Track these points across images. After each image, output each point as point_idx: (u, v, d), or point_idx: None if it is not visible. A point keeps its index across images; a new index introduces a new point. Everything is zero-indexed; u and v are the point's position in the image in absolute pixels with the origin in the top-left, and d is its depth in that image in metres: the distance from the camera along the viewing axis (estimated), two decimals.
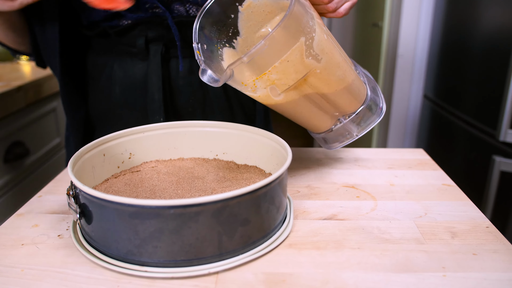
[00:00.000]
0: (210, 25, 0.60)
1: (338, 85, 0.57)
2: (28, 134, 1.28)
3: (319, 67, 0.53)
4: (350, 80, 0.58)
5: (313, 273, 0.45)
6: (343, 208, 0.59)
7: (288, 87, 0.54)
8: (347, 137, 0.64)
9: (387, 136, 1.81)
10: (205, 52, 0.59)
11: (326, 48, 0.53)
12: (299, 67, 0.52)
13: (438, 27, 1.55)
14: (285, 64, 0.51)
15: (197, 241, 0.44)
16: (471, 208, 0.59)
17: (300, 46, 0.50)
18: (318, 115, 0.61)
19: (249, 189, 0.44)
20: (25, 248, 0.50)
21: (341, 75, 0.57)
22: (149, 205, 0.41)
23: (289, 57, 0.50)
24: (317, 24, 0.53)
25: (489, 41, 1.19)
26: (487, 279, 0.44)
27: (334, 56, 0.55)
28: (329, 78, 0.55)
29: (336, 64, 0.56)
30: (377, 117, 0.63)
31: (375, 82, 0.67)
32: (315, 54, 0.52)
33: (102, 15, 0.66)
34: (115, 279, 0.44)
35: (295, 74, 0.52)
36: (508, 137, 1.09)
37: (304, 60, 0.51)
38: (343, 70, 0.57)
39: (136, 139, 0.64)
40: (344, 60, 0.58)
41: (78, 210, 0.48)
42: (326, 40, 0.54)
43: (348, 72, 0.58)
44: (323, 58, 0.53)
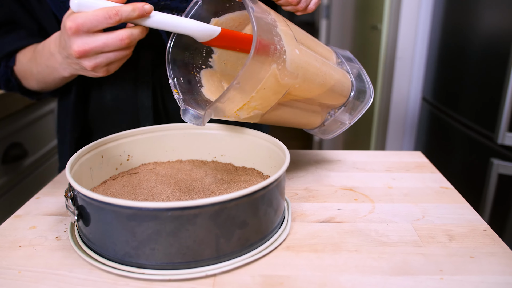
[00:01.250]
0: (182, 52, 0.60)
1: (320, 89, 0.57)
2: (26, 136, 1.28)
3: (297, 82, 0.53)
4: (332, 81, 0.58)
5: (310, 276, 0.45)
6: (341, 211, 0.59)
7: (270, 107, 0.54)
8: (341, 127, 0.65)
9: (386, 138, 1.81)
10: (182, 85, 0.59)
11: (300, 63, 0.52)
12: (276, 89, 0.51)
13: (436, 30, 1.56)
14: (262, 91, 0.50)
15: (195, 243, 0.44)
16: (468, 211, 0.59)
17: (273, 73, 0.49)
18: (306, 116, 0.62)
19: (247, 192, 0.44)
20: (22, 250, 0.50)
21: (321, 80, 0.56)
22: (147, 207, 0.41)
23: (264, 85, 0.49)
24: (285, 42, 0.50)
25: (488, 44, 1.19)
26: (484, 282, 0.44)
27: (311, 66, 0.54)
28: (309, 87, 0.55)
29: (315, 73, 0.55)
30: (366, 104, 0.64)
31: (359, 65, 0.67)
32: (291, 73, 0.51)
33: None
34: (113, 281, 0.44)
35: (274, 96, 0.52)
36: (506, 140, 1.09)
37: (281, 83, 0.51)
38: (323, 74, 0.56)
39: (134, 141, 0.64)
40: (322, 63, 0.57)
41: (76, 212, 0.48)
42: (299, 55, 0.52)
43: (329, 74, 0.58)
44: (299, 73, 0.52)
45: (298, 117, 0.61)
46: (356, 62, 0.67)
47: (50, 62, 0.61)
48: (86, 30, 0.48)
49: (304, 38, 0.57)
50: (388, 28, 1.75)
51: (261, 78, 0.49)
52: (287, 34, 0.51)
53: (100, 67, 0.51)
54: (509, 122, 1.08)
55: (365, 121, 2.05)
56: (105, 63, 0.51)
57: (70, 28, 0.47)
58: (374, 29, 1.89)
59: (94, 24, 0.47)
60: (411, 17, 1.63)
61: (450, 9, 1.45)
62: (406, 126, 1.78)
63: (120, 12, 0.47)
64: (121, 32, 0.49)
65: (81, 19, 0.47)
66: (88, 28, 0.48)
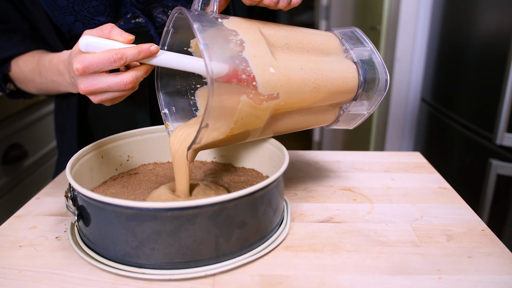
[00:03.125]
0: (173, 78, 0.59)
1: (314, 96, 0.52)
2: (26, 136, 1.28)
3: (281, 100, 0.48)
4: (328, 83, 0.52)
5: (309, 276, 0.45)
6: (340, 211, 0.59)
7: (260, 127, 0.50)
8: (359, 119, 0.60)
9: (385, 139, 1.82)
10: (176, 114, 0.59)
11: (278, 81, 0.47)
12: (258, 114, 0.48)
13: (435, 31, 1.56)
14: (241, 121, 0.47)
15: (194, 243, 0.44)
16: (467, 211, 0.59)
17: (246, 103, 0.46)
18: (313, 119, 0.57)
19: (246, 192, 0.44)
20: (23, 250, 0.50)
21: (312, 87, 0.51)
22: (147, 207, 0.42)
23: (239, 116, 0.46)
24: (254, 66, 0.46)
25: (486, 45, 1.19)
26: (482, 282, 0.44)
27: (296, 77, 0.49)
28: (299, 99, 0.50)
29: (301, 83, 0.50)
30: (381, 91, 0.57)
31: (371, 45, 0.59)
32: (268, 95, 0.47)
33: (82, 30, 0.66)
34: (113, 281, 0.44)
35: (259, 119, 0.48)
36: (505, 140, 1.09)
37: (259, 108, 0.47)
38: (313, 80, 0.51)
39: (134, 141, 0.64)
40: (313, 67, 0.51)
41: (76, 212, 0.48)
42: (275, 73, 0.47)
43: (323, 77, 0.52)
44: (280, 91, 0.48)
45: (303, 122, 0.56)
46: (367, 42, 0.59)
47: (58, 79, 0.63)
48: (92, 72, 0.49)
49: (291, 38, 0.52)
50: (387, 29, 1.75)
51: (233, 112, 0.46)
52: (257, 55, 0.47)
53: (106, 102, 0.53)
54: (507, 122, 1.08)
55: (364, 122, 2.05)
56: (110, 99, 0.52)
57: (77, 69, 0.49)
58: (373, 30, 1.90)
59: (100, 67, 0.48)
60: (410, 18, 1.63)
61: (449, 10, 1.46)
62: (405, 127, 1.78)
63: (125, 55, 0.48)
64: (125, 76, 0.49)
65: (88, 61, 0.48)
66: (94, 70, 0.49)
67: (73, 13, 0.64)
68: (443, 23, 1.50)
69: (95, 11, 0.64)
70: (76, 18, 0.64)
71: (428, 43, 1.64)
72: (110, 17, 0.65)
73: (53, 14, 0.65)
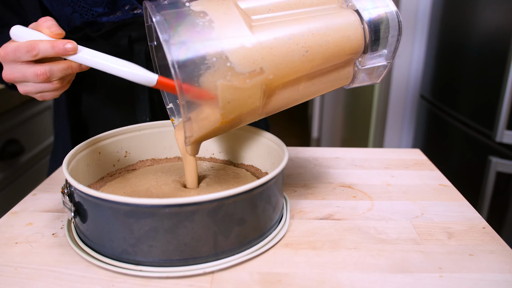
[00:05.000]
0: None
1: (310, 61, 0.46)
2: (23, 132, 1.27)
3: (268, 74, 0.45)
4: (323, 42, 0.46)
5: (309, 273, 0.45)
6: (340, 208, 0.58)
7: (258, 106, 0.47)
8: (381, 70, 0.52)
9: (384, 136, 1.81)
10: None
11: (257, 56, 0.44)
12: (246, 94, 0.45)
13: (435, 28, 1.56)
14: (229, 105, 0.45)
15: (193, 240, 0.43)
16: (467, 209, 0.59)
17: (225, 87, 0.43)
18: (324, 84, 0.50)
19: (245, 189, 0.44)
20: (19, 246, 0.49)
21: (304, 52, 0.45)
22: (145, 204, 0.41)
23: (224, 100, 0.44)
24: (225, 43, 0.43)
25: (486, 42, 1.19)
26: (483, 280, 0.44)
27: (276, 48, 0.45)
28: (291, 66, 0.46)
29: (287, 51, 0.45)
30: (395, 31, 0.49)
31: None
32: (250, 72, 0.44)
33: (80, 20, 0.66)
34: (110, 278, 0.44)
35: (250, 99, 0.45)
36: (505, 138, 1.09)
37: (245, 88, 0.44)
38: (302, 45, 0.45)
39: (132, 137, 0.63)
40: (298, 31, 0.46)
41: (73, 209, 0.47)
42: (250, 48, 0.43)
43: (313, 40, 0.46)
44: (263, 66, 0.44)
45: (312, 89, 0.50)
46: None
47: None
48: (11, 60, 0.49)
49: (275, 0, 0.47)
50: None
51: (214, 99, 0.44)
52: (229, 33, 0.44)
53: (32, 94, 0.52)
54: (507, 120, 1.08)
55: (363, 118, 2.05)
56: (34, 91, 0.52)
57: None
58: None
59: (17, 55, 0.48)
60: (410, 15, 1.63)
61: (448, 7, 1.45)
62: (404, 124, 1.78)
63: (38, 47, 0.48)
64: (38, 67, 0.49)
65: (9, 49, 0.49)
66: (12, 58, 0.49)
67: (70, 4, 0.64)
68: (442, 19, 1.50)
69: (92, 1, 0.64)
70: (74, 9, 0.64)
71: (428, 39, 1.63)
72: (107, 8, 0.65)
73: (51, 5, 0.64)
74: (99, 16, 0.65)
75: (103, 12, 0.65)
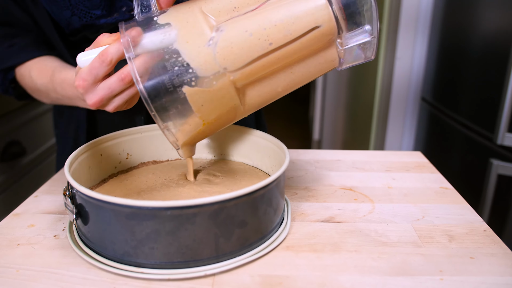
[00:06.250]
0: None
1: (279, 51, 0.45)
2: (24, 134, 1.27)
3: (235, 73, 0.45)
4: (286, 32, 0.45)
5: (310, 276, 0.45)
6: (341, 211, 0.58)
7: (237, 103, 0.47)
8: (369, 46, 0.48)
9: (385, 138, 1.81)
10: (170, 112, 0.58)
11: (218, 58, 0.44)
12: (219, 95, 0.46)
13: (436, 30, 1.56)
14: (204, 109, 0.46)
15: (194, 242, 0.43)
16: (468, 212, 0.59)
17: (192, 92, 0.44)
18: (307, 70, 0.49)
19: (247, 191, 0.44)
20: (20, 248, 0.50)
21: (268, 44, 0.45)
22: (146, 206, 0.41)
23: (197, 104, 0.45)
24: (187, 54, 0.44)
25: (487, 45, 1.19)
26: (484, 283, 0.44)
27: (237, 46, 0.44)
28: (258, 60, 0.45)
29: (250, 47, 0.44)
30: (366, 3, 0.47)
31: None
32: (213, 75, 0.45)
33: (79, 23, 0.66)
34: (111, 280, 0.44)
35: (225, 99, 0.46)
36: (506, 140, 1.09)
37: (214, 89, 0.45)
38: (265, 38, 0.44)
39: (134, 139, 0.64)
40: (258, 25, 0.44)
41: (75, 211, 0.48)
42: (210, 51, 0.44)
43: (275, 32, 0.45)
44: (227, 66, 0.44)
45: (297, 78, 0.49)
46: None
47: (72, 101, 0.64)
48: (91, 83, 0.48)
49: None
50: (388, 28, 1.75)
51: (185, 105, 0.45)
52: (190, 39, 0.45)
53: (121, 106, 0.52)
54: (508, 122, 1.08)
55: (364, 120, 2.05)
56: (123, 103, 0.51)
57: (79, 86, 0.49)
58: None
59: (94, 73, 0.48)
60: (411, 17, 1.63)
61: (450, 9, 1.45)
62: (405, 126, 1.78)
63: (109, 53, 0.47)
64: (118, 73, 0.48)
65: (83, 75, 0.48)
66: (92, 80, 0.48)
67: (69, 7, 0.64)
68: (444, 22, 1.50)
69: (90, 4, 0.64)
70: (73, 12, 0.64)
71: (429, 42, 1.64)
72: (105, 11, 0.65)
73: (51, 8, 0.65)
74: (97, 19, 0.66)
75: (101, 15, 0.65)
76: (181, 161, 0.67)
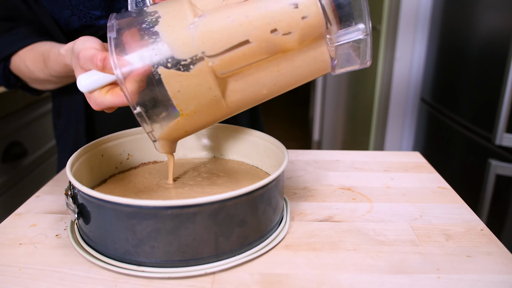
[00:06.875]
0: None
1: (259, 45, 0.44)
2: (26, 134, 1.28)
3: (213, 59, 0.44)
4: (270, 20, 0.43)
5: (308, 274, 0.45)
6: (339, 210, 0.59)
7: (218, 96, 0.46)
8: (362, 47, 0.47)
9: (384, 139, 1.82)
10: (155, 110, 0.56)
11: (197, 41, 0.44)
12: (195, 82, 0.45)
13: (435, 31, 1.56)
14: (181, 95, 0.45)
15: (194, 241, 0.44)
16: (466, 211, 0.59)
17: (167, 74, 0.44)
18: (296, 69, 0.47)
19: (246, 190, 0.44)
20: (23, 247, 0.50)
21: (247, 28, 0.43)
22: (147, 205, 0.42)
23: (172, 89, 0.45)
24: (165, 32, 0.44)
25: (486, 45, 1.20)
26: (480, 281, 0.44)
27: (217, 31, 0.44)
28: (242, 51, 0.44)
29: (230, 33, 0.44)
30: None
31: None
32: (190, 58, 0.44)
33: (78, 23, 0.66)
34: (113, 279, 0.45)
35: (203, 87, 0.45)
36: (504, 140, 1.09)
37: (190, 74, 0.44)
38: (242, 20, 0.43)
39: (135, 140, 0.64)
40: (242, 12, 0.44)
41: (76, 210, 0.48)
42: (189, 34, 0.43)
43: (259, 19, 0.43)
44: (205, 50, 0.44)
45: (283, 78, 0.47)
46: None
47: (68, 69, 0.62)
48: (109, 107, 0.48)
49: None
50: (387, 29, 1.76)
51: (161, 87, 0.45)
52: (172, 23, 0.44)
53: None
54: (507, 123, 1.08)
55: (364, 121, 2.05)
56: None
57: (95, 107, 0.48)
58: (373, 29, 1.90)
59: (115, 103, 0.47)
60: (410, 18, 1.63)
61: (449, 10, 1.46)
62: (404, 127, 1.78)
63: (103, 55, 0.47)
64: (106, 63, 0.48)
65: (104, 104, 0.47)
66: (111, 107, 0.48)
67: (69, 7, 0.65)
68: (443, 23, 1.51)
69: (90, 5, 0.65)
70: (73, 12, 0.65)
71: (428, 43, 1.64)
72: (104, 11, 0.66)
73: (50, 8, 0.65)
74: (97, 19, 0.66)
75: (101, 15, 0.66)
76: (181, 161, 0.67)
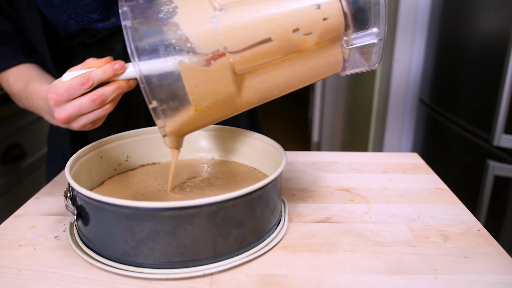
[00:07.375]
0: None
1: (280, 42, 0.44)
2: (25, 136, 1.28)
3: (234, 53, 0.43)
4: (293, 18, 0.43)
5: (306, 275, 0.45)
6: (337, 211, 0.59)
7: (233, 92, 0.46)
8: (375, 51, 0.48)
9: (383, 140, 1.82)
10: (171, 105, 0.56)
11: (219, 35, 0.43)
12: (213, 77, 0.44)
13: (434, 32, 1.57)
14: (198, 90, 0.45)
15: (192, 242, 0.44)
16: (463, 212, 0.59)
17: (187, 68, 0.43)
18: (309, 68, 0.48)
19: (244, 192, 0.45)
20: (22, 249, 0.50)
21: (270, 25, 0.43)
22: (145, 207, 0.42)
23: (190, 84, 0.44)
24: (186, 24, 0.43)
25: (484, 47, 1.20)
26: (477, 282, 0.45)
27: (240, 26, 0.43)
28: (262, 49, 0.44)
29: (253, 29, 0.43)
30: (376, 2, 0.46)
31: None
32: (212, 53, 0.43)
33: (76, 27, 0.67)
34: (111, 280, 0.45)
35: (221, 83, 0.45)
36: (502, 141, 1.10)
37: (210, 69, 0.44)
38: (265, 17, 0.43)
39: (133, 141, 0.64)
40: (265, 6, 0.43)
41: (75, 212, 0.48)
42: (211, 28, 0.43)
43: (285, 12, 0.43)
44: (227, 45, 0.43)
45: (296, 76, 0.48)
46: None
47: (39, 112, 0.64)
48: (65, 100, 0.50)
49: None
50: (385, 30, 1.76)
51: (179, 82, 0.44)
52: (191, 15, 0.44)
53: (86, 126, 0.53)
54: (505, 124, 1.08)
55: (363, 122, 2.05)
56: (88, 122, 0.52)
57: (51, 98, 0.50)
58: None
59: (71, 92, 0.49)
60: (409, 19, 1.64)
61: (447, 11, 1.46)
62: (403, 128, 1.79)
63: (92, 77, 0.48)
64: (91, 94, 0.50)
65: (61, 90, 0.49)
66: (66, 97, 0.49)
67: (67, 11, 0.65)
68: (441, 24, 1.51)
69: (87, 8, 0.65)
70: (70, 16, 0.65)
71: (427, 44, 1.64)
72: (102, 15, 0.66)
73: (48, 12, 0.65)
74: (94, 23, 0.66)
75: (98, 19, 0.66)
76: (180, 162, 0.67)
